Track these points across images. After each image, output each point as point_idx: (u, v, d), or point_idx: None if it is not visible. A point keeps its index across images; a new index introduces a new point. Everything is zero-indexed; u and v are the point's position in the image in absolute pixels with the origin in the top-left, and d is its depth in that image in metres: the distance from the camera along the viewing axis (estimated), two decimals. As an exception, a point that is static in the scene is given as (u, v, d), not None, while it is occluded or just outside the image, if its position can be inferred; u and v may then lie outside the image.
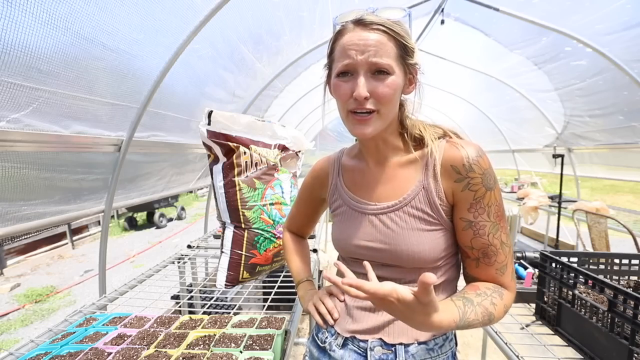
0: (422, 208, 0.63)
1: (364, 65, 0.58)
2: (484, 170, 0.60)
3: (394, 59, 0.59)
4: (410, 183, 0.66)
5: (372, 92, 0.59)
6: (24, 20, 1.03)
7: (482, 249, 0.61)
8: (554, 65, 3.03)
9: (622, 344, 0.78)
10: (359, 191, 0.72)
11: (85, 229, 6.94)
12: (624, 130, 3.06)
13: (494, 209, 0.60)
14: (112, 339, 0.86)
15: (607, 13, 2.22)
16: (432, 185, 0.63)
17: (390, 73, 0.59)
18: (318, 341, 0.75)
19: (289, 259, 0.93)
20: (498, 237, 0.61)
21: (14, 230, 1.31)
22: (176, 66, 1.78)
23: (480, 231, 0.61)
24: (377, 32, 0.58)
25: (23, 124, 1.19)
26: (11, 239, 5.31)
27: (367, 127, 0.61)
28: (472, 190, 0.60)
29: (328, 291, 0.78)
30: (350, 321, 0.70)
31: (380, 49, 0.58)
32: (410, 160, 0.67)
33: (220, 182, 1.19)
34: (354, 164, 0.76)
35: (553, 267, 1.05)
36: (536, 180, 5.25)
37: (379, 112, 0.60)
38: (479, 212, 0.60)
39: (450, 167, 0.61)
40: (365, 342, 0.67)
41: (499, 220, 0.61)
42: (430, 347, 0.65)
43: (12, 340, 3.21)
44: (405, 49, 0.61)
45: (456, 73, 4.25)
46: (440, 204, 0.62)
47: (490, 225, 0.60)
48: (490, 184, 0.60)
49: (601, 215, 2.39)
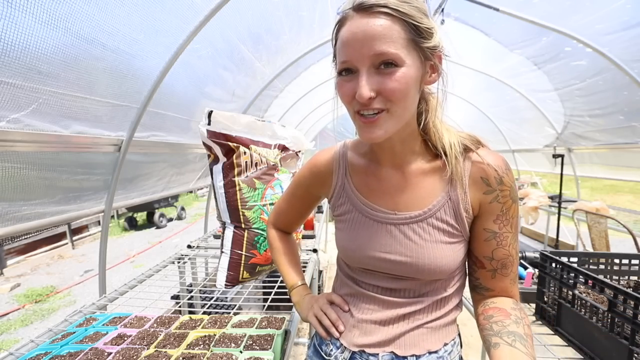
0: (447, 220, 0.61)
1: (366, 60, 0.50)
2: (511, 183, 0.59)
3: (402, 45, 0.49)
4: (435, 193, 0.61)
5: (379, 90, 0.50)
6: (24, 21, 1.03)
7: (502, 260, 0.61)
8: (554, 65, 3.03)
9: (622, 344, 0.78)
10: (373, 197, 0.66)
11: (85, 229, 6.94)
12: (624, 130, 3.06)
13: (516, 220, 0.61)
14: (112, 339, 0.86)
15: (607, 13, 2.22)
16: (460, 197, 0.60)
17: (398, 64, 0.49)
18: (322, 353, 0.71)
19: (278, 261, 0.86)
20: (515, 247, 0.61)
21: (14, 230, 1.31)
22: (176, 66, 1.78)
23: (503, 242, 0.60)
24: (379, 17, 0.49)
25: (23, 124, 1.19)
26: (11, 239, 5.30)
27: (376, 130, 0.53)
28: (501, 203, 0.59)
29: (329, 300, 0.74)
30: (358, 334, 0.66)
31: (383, 37, 0.48)
32: (434, 169, 0.62)
33: (220, 182, 1.19)
34: (365, 165, 0.68)
35: (553, 267, 1.05)
36: (536, 180, 5.25)
37: (389, 111, 0.52)
38: (504, 224, 0.60)
39: (480, 178, 0.59)
40: (375, 355, 0.64)
41: (516, 231, 0.61)
42: (441, 355, 0.64)
43: (12, 340, 3.21)
44: (417, 30, 0.50)
45: (456, 73, 4.24)
46: (465, 216, 0.60)
47: (511, 236, 0.61)
48: (515, 197, 0.60)
49: (601, 215, 2.39)
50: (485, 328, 0.59)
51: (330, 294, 0.75)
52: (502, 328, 0.57)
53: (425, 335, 0.64)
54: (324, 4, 2.33)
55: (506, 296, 0.63)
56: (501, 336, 0.55)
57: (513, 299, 0.63)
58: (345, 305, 0.71)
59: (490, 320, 0.59)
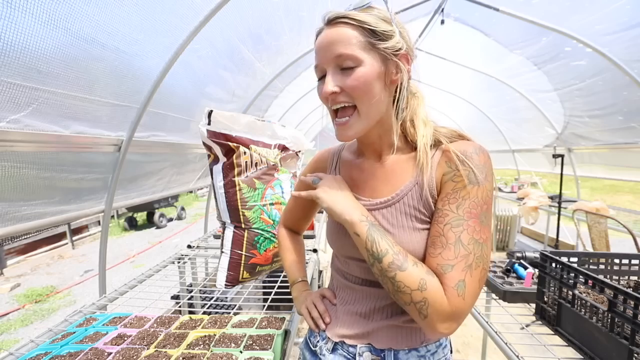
0: (415, 205, 0.61)
1: (330, 62, 0.58)
2: (475, 165, 0.56)
3: (359, 47, 0.56)
4: (404, 179, 0.64)
5: (342, 87, 0.58)
6: (24, 21, 1.03)
7: (433, 237, 0.57)
8: (553, 65, 3.03)
9: (622, 344, 0.78)
10: (355, 187, 0.70)
11: (85, 229, 6.94)
12: (624, 130, 3.06)
13: (468, 203, 0.55)
14: (112, 339, 0.86)
15: (607, 13, 2.22)
16: (427, 182, 0.60)
17: (356, 64, 0.57)
18: (310, 345, 0.76)
19: (284, 257, 0.92)
20: (457, 232, 0.54)
21: (14, 230, 1.31)
22: (176, 66, 1.78)
23: (440, 219, 0.57)
24: (339, 26, 0.58)
25: (23, 124, 1.19)
26: (11, 239, 5.30)
27: (347, 131, 0.61)
28: (454, 182, 0.57)
29: (321, 294, 0.78)
30: (340, 325, 0.70)
31: (341, 41, 0.56)
32: (409, 158, 0.65)
33: (220, 182, 1.19)
34: (353, 159, 0.74)
35: (553, 267, 1.05)
36: (536, 180, 5.25)
37: (358, 111, 0.59)
38: (450, 202, 0.57)
39: (445, 163, 0.60)
40: (354, 347, 0.67)
41: (468, 217, 0.54)
42: (422, 354, 0.64)
43: (12, 340, 3.21)
44: (374, 34, 0.57)
45: (456, 73, 4.24)
46: (432, 201, 0.60)
47: (454, 216, 0.55)
48: (474, 180, 0.55)
49: (601, 215, 2.39)
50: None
51: (323, 289, 0.80)
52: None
53: (402, 330, 0.65)
54: (324, 4, 2.33)
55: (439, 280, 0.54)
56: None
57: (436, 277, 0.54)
58: (334, 298, 0.75)
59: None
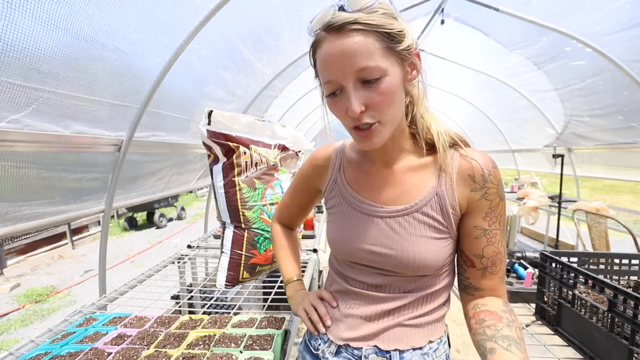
0: (433, 215, 0.62)
1: (350, 78, 0.52)
2: (498, 180, 0.61)
3: (380, 55, 0.51)
4: (422, 188, 0.63)
5: (367, 104, 0.53)
6: (23, 21, 1.03)
7: (492, 257, 0.62)
8: (553, 65, 3.03)
9: (622, 344, 0.78)
10: (362, 191, 0.69)
11: (85, 229, 6.94)
12: (624, 130, 3.06)
13: (503, 218, 0.62)
14: (112, 339, 0.86)
15: (607, 13, 2.22)
16: (447, 193, 0.61)
17: (382, 75, 0.52)
18: (311, 347, 0.74)
19: (278, 254, 0.89)
20: (503, 245, 0.62)
21: (14, 230, 1.31)
22: (176, 66, 1.78)
23: (493, 239, 0.61)
24: (352, 35, 0.50)
25: (23, 124, 1.19)
26: (11, 239, 5.30)
27: (373, 139, 0.57)
28: (489, 200, 0.60)
29: (319, 296, 0.76)
30: (344, 328, 0.69)
31: (361, 53, 0.50)
32: (422, 165, 0.65)
33: (220, 182, 1.19)
34: (357, 161, 0.72)
35: (553, 267, 1.05)
36: (536, 180, 5.25)
37: (380, 122, 0.56)
38: (493, 221, 0.61)
39: (468, 176, 0.61)
40: (359, 349, 0.66)
41: (504, 228, 0.63)
42: (425, 352, 0.65)
43: (12, 340, 3.21)
44: (390, 37, 0.52)
45: (456, 73, 4.24)
46: (452, 212, 0.61)
47: (500, 233, 0.62)
48: (502, 195, 0.61)
49: (601, 215, 2.39)
50: (478, 333, 0.59)
51: (320, 290, 0.78)
52: (495, 332, 0.56)
53: (409, 331, 0.65)
54: (324, 4, 2.33)
55: (495, 296, 0.64)
56: (496, 340, 0.55)
57: (502, 298, 0.64)
58: (334, 301, 0.73)
59: (483, 325, 0.59)
